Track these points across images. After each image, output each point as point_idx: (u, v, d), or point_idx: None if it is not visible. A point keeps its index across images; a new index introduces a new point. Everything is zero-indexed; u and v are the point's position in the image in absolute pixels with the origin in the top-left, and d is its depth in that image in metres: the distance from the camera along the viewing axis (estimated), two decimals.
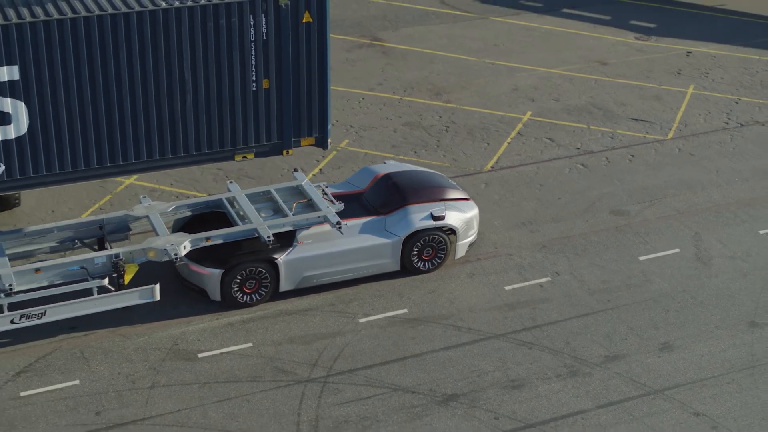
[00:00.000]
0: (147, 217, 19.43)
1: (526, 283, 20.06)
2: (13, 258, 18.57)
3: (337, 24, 31.51)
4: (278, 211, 19.73)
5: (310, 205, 19.88)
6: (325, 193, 20.22)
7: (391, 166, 21.53)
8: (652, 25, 32.09)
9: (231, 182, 20.49)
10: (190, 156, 19.36)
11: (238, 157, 19.75)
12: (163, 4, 18.21)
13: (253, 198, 20.03)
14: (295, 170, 21.01)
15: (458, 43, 30.50)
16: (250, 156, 19.82)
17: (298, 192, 20.30)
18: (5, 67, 17.50)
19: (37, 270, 17.96)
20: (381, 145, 24.75)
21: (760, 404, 17.22)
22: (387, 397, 17.18)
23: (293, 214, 19.53)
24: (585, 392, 17.38)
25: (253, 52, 19.05)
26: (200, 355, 18.04)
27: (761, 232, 21.81)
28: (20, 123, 18.07)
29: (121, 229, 19.58)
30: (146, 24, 18.12)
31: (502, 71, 28.81)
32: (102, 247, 19.38)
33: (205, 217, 19.99)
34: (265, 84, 19.40)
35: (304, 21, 19.16)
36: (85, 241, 19.43)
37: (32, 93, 17.91)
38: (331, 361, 17.94)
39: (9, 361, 17.80)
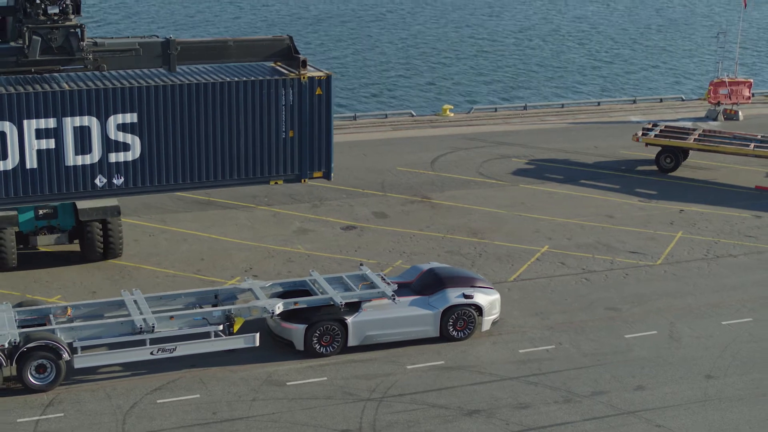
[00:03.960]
0: (251, 289, 26.10)
1: (536, 348, 26.19)
2: (154, 312, 25.13)
3: (394, 186, 38.85)
4: (348, 289, 26.31)
5: (372, 286, 26.45)
6: (383, 278, 26.78)
7: (434, 264, 28.17)
8: (653, 192, 38.97)
9: (312, 270, 27.23)
10: (239, 179, 29.29)
11: (272, 182, 29.75)
12: (228, 79, 28.52)
13: (329, 280, 26.69)
14: (361, 264, 27.77)
15: (492, 201, 37.51)
16: (280, 182, 29.90)
17: (363, 278, 26.93)
18: (128, 113, 27.76)
19: (171, 317, 24.58)
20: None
21: (707, 422, 22.94)
22: (426, 410, 23.16)
23: (359, 291, 26.12)
24: (575, 411, 23.24)
25: (284, 113, 29.10)
26: (288, 383, 24.23)
27: (724, 323, 27.85)
28: (135, 150, 28.21)
29: (230, 298, 26.21)
30: (217, 91, 28.43)
31: (527, 220, 35.63)
32: None
33: (293, 293, 26.55)
34: (291, 134, 29.24)
35: (317, 93, 29.17)
36: (203, 306, 26.03)
37: (144, 131, 28.11)
38: (385, 389, 24.04)
39: (148, 382, 24.12)
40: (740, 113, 49.83)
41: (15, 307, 24.78)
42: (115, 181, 28.24)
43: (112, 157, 28.12)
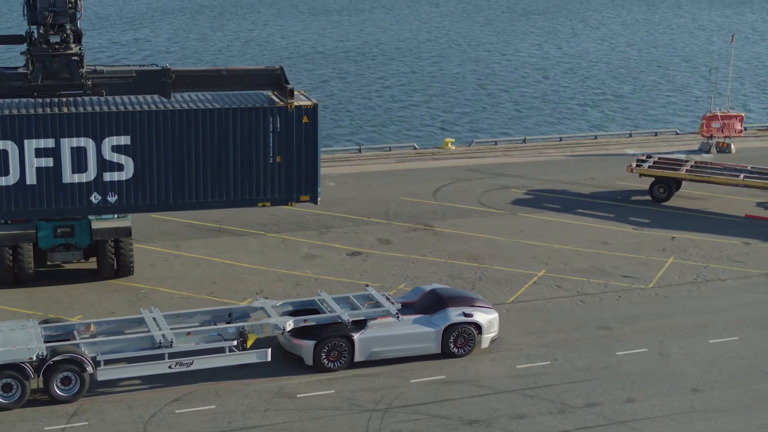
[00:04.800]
0: (262, 308, 27.64)
1: (532, 364, 27.69)
2: (172, 328, 26.64)
3: (398, 215, 40.45)
4: (355, 308, 27.84)
5: (377, 305, 27.98)
6: (388, 298, 28.31)
7: (435, 285, 29.74)
8: (647, 221, 40.58)
9: (321, 291, 28.79)
10: (228, 200, 31.10)
11: (260, 204, 31.41)
12: (217, 106, 30.43)
13: (336, 300, 28.22)
14: (367, 285, 29.34)
15: (492, 229, 39.08)
16: (268, 204, 31.69)
17: (369, 298, 28.46)
18: (122, 136, 29.82)
19: (188, 333, 26.11)
20: None
21: (693, 431, 24.41)
22: (429, 420, 24.63)
23: (365, 309, 27.66)
24: (568, 421, 24.71)
25: (271, 139, 30.80)
26: (298, 396, 25.72)
27: (711, 341, 29.35)
28: (128, 170, 30.23)
29: (243, 317, 27.72)
30: (206, 117, 30.31)
31: (525, 247, 37.19)
32: None
33: (302, 312, 28.07)
34: (278, 159, 30.91)
35: (303, 121, 30.85)
36: (218, 323, 27.53)
37: (137, 153, 30.11)
38: (390, 401, 25.52)
39: (166, 394, 25.61)
40: (732, 146, 51.47)
41: (41, 324, 26.32)
42: (109, 198, 30.36)
43: (107, 176, 30.29)
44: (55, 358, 24.75)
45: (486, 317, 28.29)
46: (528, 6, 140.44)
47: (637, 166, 43.74)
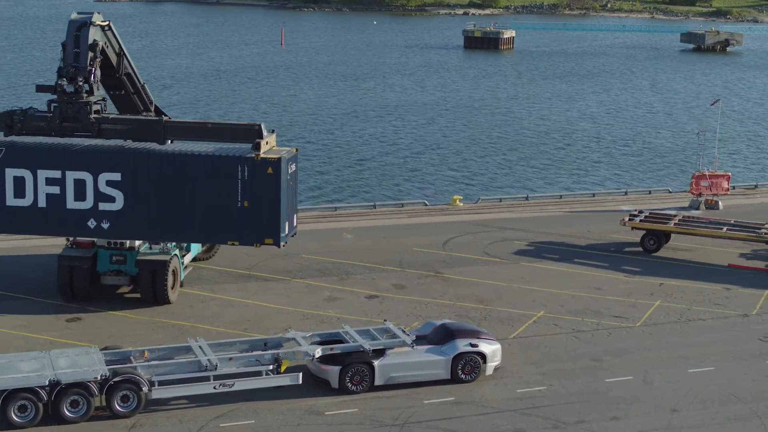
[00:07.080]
0: (294, 338, 31.55)
1: (531, 389, 31.48)
2: (216, 355, 30.51)
3: (411, 263, 44.40)
4: (375, 339, 31.72)
5: (394, 336, 31.86)
6: (404, 331, 32.20)
7: (445, 320, 33.67)
8: (637, 269, 44.48)
9: (344, 325, 32.73)
10: (203, 236, 35.86)
11: (230, 243, 35.49)
12: (195, 152, 34.73)
13: (359, 332, 32.12)
14: (384, 320, 33.29)
15: (496, 276, 42.99)
16: (236, 243, 35.65)
17: (387, 330, 32.36)
18: (114, 173, 34.56)
19: (230, 358, 30.02)
20: None
21: None
22: None
23: (384, 340, 31.57)
24: None
25: (239, 186, 34.51)
26: (326, 413, 29.52)
27: (690, 370, 33.13)
28: (119, 202, 34.86)
29: (277, 345, 31.59)
30: (184, 161, 34.65)
31: (526, 291, 41.09)
32: None
33: (329, 342, 31.93)
34: (245, 204, 34.44)
35: (268, 171, 34.29)
36: (255, 351, 31.41)
37: (127, 187, 34.59)
38: (406, 417, 29.31)
39: (211, 411, 29.42)
40: (720, 203, 55.47)
41: (102, 350, 30.23)
42: (103, 225, 35.00)
43: (101, 206, 34.95)
44: (115, 379, 28.60)
45: (490, 348, 32.15)
46: (539, 71, 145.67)
47: (629, 219, 47.70)
